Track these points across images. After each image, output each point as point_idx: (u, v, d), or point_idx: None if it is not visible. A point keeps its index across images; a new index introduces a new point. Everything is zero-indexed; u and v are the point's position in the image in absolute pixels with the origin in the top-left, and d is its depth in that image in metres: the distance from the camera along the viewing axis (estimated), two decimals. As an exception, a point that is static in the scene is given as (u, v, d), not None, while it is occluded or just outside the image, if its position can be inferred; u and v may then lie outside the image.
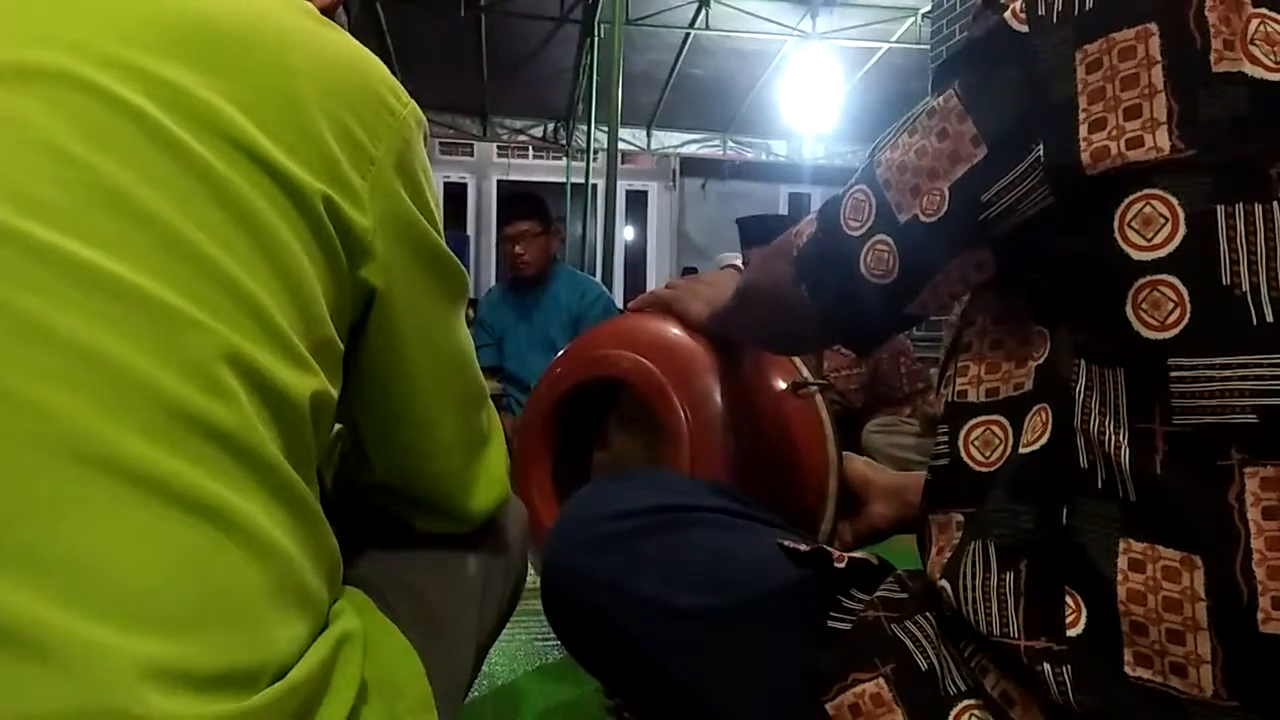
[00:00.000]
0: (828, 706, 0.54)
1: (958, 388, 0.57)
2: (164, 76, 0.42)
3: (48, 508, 0.35)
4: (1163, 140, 0.44)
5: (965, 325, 0.59)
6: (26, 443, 0.35)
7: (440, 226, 0.56)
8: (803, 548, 0.63)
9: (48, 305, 0.36)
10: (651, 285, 10.08)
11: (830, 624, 0.57)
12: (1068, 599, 0.46)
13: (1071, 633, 0.46)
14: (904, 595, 0.58)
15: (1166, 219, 0.44)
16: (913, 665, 0.53)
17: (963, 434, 0.55)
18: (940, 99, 0.54)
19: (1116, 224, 0.45)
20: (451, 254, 0.57)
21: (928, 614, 0.55)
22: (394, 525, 0.64)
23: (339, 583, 0.50)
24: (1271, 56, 0.44)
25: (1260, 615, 0.41)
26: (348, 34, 0.52)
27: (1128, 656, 0.44)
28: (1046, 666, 0.46)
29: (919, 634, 0.54)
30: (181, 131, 0.41)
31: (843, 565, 0.62)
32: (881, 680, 0.53)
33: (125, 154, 0.40)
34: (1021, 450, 0.51)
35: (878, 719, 0.52)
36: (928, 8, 4.88)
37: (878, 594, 0.58)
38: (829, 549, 0.63)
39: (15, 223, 0.37)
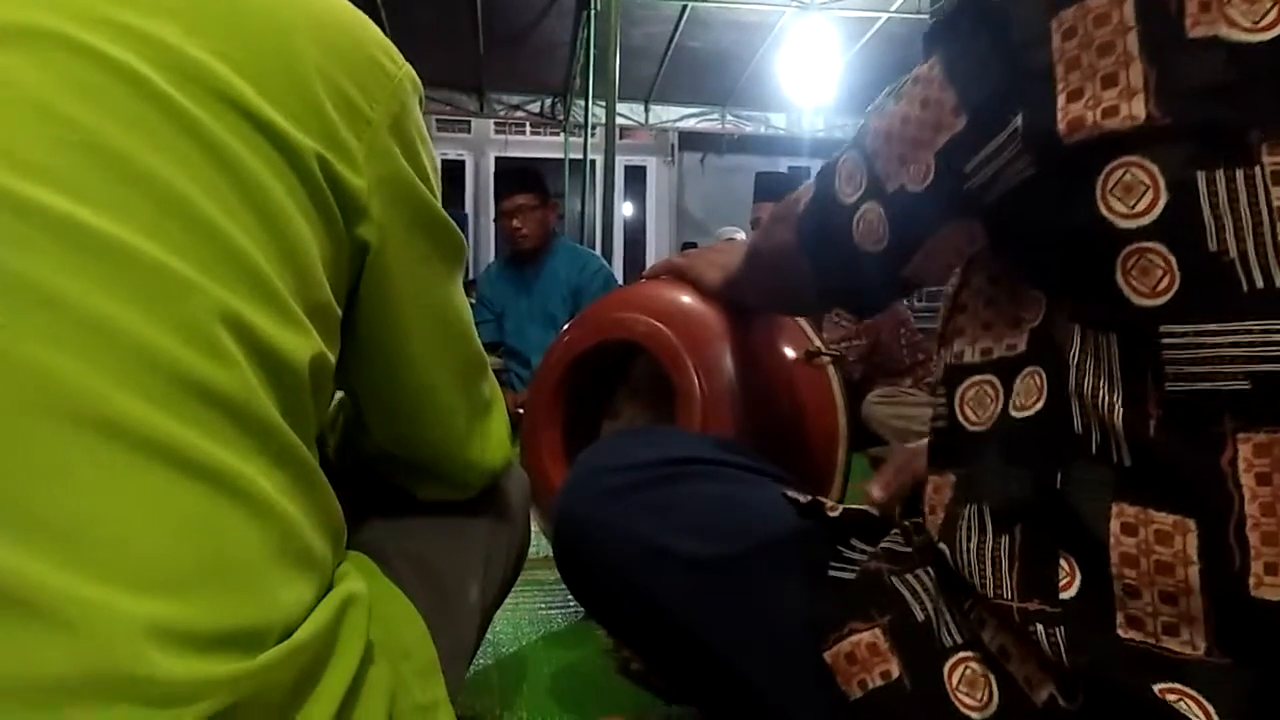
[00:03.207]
0: (826, 655, 0.55)
1: (955, 349, 0.57)
2: (155, 35, 0.41)
3: (47, 471, 0.34)
4: (1139, 109, 0.43)
5: (962, 286, 0.59)
6: (25, 406, 0.34)
7: (437, 190, 0.55)
8: (802, 499, 0.65)
9: (43, 267, 0.36)
10: (651, 260, 10.06)
11: (832, 573, 0.58)
12: (1061, 562, 0.46)
13: (1064, 595, 0.46)
14: (908, 549, 0.58)
15: (1148, 186, 0.43)
16: (909, 617, 0.53)
17: (959, 394, 0.55)
18: (925, 68, 0.54)
19: (1099, 192, 0.44)
20: (448, 218, 0.56)
21: (929, 568, 0.55)
22: (397, 494, 0.64)
23: (343, 547, 0.50)
24: (1250, 16, 0.41)
25: (1252, 580, 0.41)
26: None
27: (1120, 619, 0.44)
28: (1040, 627, 0.46)
29: (918, 587, 0.55)
30: (173, 90, 0.40)
31: (836, 514, 0.63)
32: (878, 630, 0.54)
33: (117, 113, 0.39)
34: (1015, 414, 0.51)
35: (874, 668, 0.53)
36: (927, -24, 4.83)
37: (882, 545, 0.59)
38: (823, 500, 0.65)
39: (8, 183, 0.36)
